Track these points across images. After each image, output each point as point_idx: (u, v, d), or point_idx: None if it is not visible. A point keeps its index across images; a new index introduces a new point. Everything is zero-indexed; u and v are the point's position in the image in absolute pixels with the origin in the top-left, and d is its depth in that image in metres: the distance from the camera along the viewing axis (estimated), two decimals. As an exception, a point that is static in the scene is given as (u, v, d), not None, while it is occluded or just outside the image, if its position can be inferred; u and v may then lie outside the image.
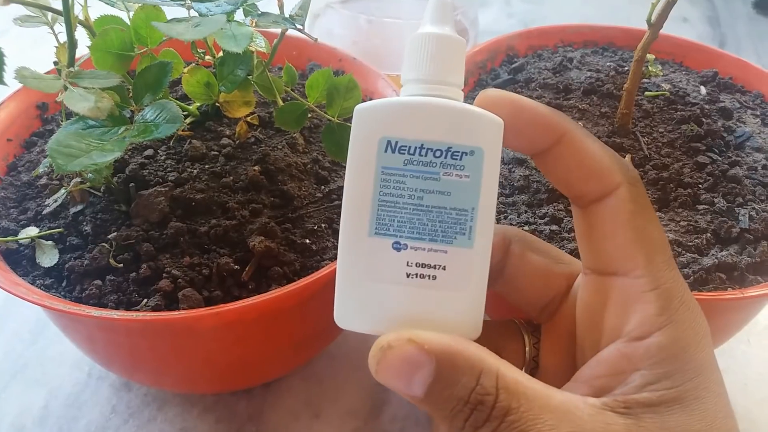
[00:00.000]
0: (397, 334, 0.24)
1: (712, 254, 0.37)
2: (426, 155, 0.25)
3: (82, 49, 0.35)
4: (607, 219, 0.26)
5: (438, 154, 0.25)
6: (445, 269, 0.25)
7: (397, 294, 0.25)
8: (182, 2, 0.31)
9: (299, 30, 0.33)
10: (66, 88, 0.28)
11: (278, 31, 0.36)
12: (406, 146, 0.25)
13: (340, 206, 0.41)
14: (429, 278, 0.25)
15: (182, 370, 0.39)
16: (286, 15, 0.34)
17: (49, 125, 0.47)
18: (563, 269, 0.30)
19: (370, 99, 0.49)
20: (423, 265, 0.25)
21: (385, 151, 0.25)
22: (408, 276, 0.25)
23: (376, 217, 0.25)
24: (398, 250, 0.25)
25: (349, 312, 0.26)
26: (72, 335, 0.40)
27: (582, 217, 0.27)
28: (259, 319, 0.36)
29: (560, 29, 0.56)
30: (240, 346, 0.37)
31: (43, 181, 0.41)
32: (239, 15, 0.36)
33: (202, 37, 0.28)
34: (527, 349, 0.30)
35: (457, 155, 0.25)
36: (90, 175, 0.35)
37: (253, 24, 0.31)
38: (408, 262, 0.25)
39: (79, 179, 0.36)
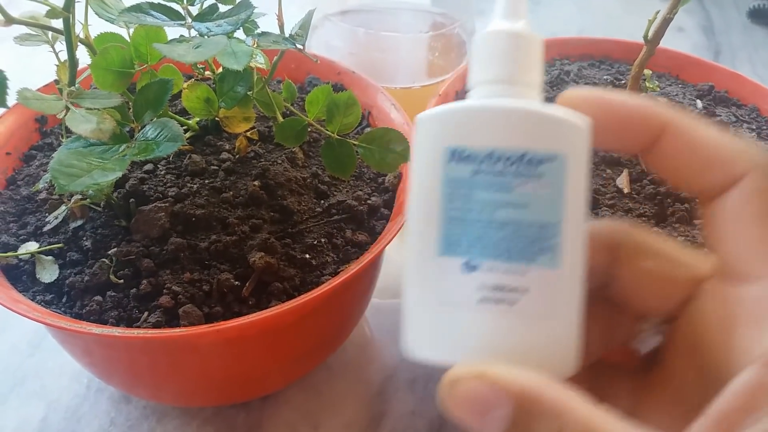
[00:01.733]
0: (468, 367, 0.21)
1: (709, 269, 0.38)
2: (496, 164, 0.22)
3: (82, 65, 0.35)
4: (729, 215, 0.22)
5: (510, 161, 0.22)
6: (525, 293, 0.22)
7: (470, 320, 0.22)
8: (182, 22, 0.31)
9: (299, 50, 0.33)
10: (68, 109, 0.28)
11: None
12: (473, 154, 0.22)
13: (339, 221, 0.41)
14: (507, 303, 0.22)
15: (181, 385, 0.39)
16: (287, 34, 0.34)
17: (48, 138, 0.47)
18: (685, 273, 0.25)
19: (369, 113, 0.49)
20: (499, 288, 0.22)
21: (450, 161, 0.22)
22: (482, 300, 0.22)
23: (443, 236, 0.22)
24: (469, 270, 0.22)
25: (418, 340, 0.23)
26: (71, 350, 0.40)
27: (706, 216, 0.23)
28: (260, 334, 0.36)
29: (558, 42, 0.57)
30: (240, 360, 0.37)
31: (43, 195, 0.41)
32: (239, 32, 0.36)
33: (204, 59, 0.28)
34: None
35: (534, 162, 0.21)
36: (90, 191, 0.35)
37: (255, 44, 0.32)
38: (481, 285, 0.22)
39: (79, 195, 0.36)
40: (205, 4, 0.33)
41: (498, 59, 0.23)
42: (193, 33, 0.32)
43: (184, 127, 0.43)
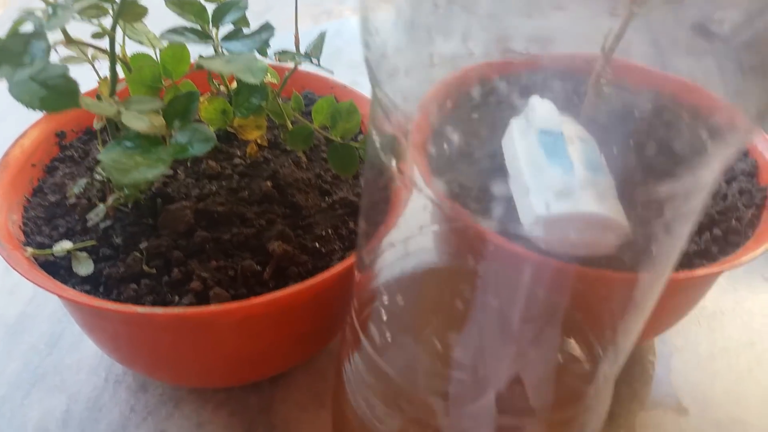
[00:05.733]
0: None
1: (662, 246, 0.44)
2: (563, 137, 0.39)
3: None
4: None
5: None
6: (600, 184, 0.37)
7: (580, 193, 0.36)
8: (211, 41, 0.36)
9: (315, 64, 0.38)
10: (120, 112, 0.33)
11: (289, 65, 0.42)
12: (550, 132, 0.39)
13: (343, 215, 0.46)
14: (595, 187, 0.36)
15: (199, 364, 0.44)
16: (302, 51, 0.40)
17: (68, 151, 0.51)
18: None
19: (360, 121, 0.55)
20: (589, 181, 0.37)
21: (541, 134, 0.40)
22: (582, 185, 0.37)
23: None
24: (567, 173, 0.38)
25: (541, 206, 0.37)
26: (97, 336, 0.44)
27: None
28: (278, 312, 0.41)
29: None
30: (255, 339, 0.42)
31: (72, 200, 0.46)
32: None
33: (237, 71, 0.33)
34: None
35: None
36: (126, 191, 0.39)
37: (277, 59, 0.37)
38: (580, 177, 0.37)
39: (116, 195, 0.40)
40: (228, 29, 0.38)
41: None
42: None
43: (198, 137, 0.48)
